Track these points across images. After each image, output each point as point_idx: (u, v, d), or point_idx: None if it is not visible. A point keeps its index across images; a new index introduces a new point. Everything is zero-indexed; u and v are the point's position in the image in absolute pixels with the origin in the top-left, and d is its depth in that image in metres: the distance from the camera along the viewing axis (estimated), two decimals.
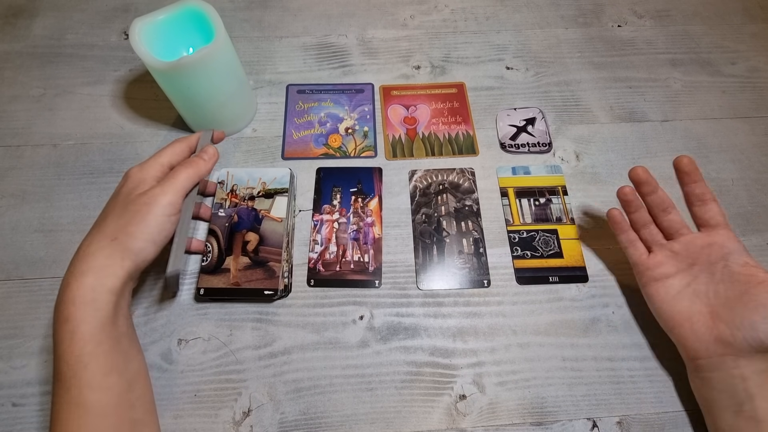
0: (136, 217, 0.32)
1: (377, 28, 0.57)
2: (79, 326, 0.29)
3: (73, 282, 0.30)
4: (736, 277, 0.34)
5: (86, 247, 0.32)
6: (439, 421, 0.37)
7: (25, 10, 0.57)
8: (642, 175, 0.37)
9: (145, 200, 0.33)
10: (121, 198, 0.34)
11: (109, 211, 0.34)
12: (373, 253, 0.43)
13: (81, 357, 0.29)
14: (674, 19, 0.59)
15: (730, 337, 0.32)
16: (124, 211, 0.33)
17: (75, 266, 0.31)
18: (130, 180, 0.35)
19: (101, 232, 0.32)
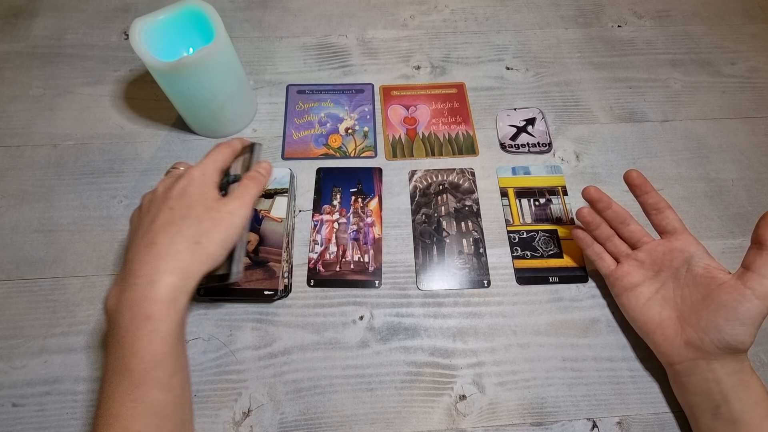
0: (219, 226, 0.33)
1: (377, 29, 0.57)
2: (161, 325, 0.29)
3: (158, 280, 0.29)
4: (699, 280, 0.35)
5: (168, 246, 0.31)
6: (439, 422, 0.37)
7: (25, 11, 0.57)
8: (594, 194, 0.39)
9: (229, 210, 0.33)
10: (194, 200, 0.33)
11: (185, 213, 0.32)
12: (373, 253, 0.43)
13: (156, 356, 0.29)
14: (674, 19, 0.59)
15: (698, 341, 0.34)
16: (205, 217, 0.33)
17: (157, 264, 0.30)
18: (194, 181, 0.34)
19: (182, 234, 0.31)
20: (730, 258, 0.43)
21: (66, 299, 0.40)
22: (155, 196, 0.34)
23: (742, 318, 0.32)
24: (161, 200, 0.33)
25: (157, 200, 0.33)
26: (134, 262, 0.30)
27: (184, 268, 0.31)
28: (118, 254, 0.42)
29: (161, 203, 0.33)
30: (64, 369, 0.38)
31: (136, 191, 0.46)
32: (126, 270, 0.31)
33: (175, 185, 0.33)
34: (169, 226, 0.31)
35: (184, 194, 0.33)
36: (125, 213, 0.44)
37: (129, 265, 0.31)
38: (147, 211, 0.33)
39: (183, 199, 0.33)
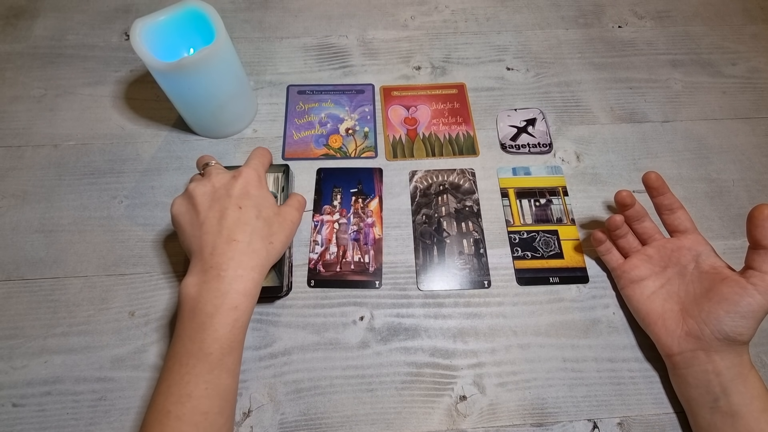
0: (285, 231, 0.36)
1: (378, 29, 0.57)
2: (242, 316, 0.32)
3: (244, 275, 0.32)
4: (704, 276, 0.36)
5: (248, 244, 0.33)
6: (439, 422, 0.36)
7: (26, 11, 0.57)
8: (628, 198, 0.40)
9: (292, 219, 0.37)
10: (261, 202, 0.35)
11: (257, 214, 0.34)
12: (374, 253, 0.43)
13: (233, 344, 0.31)
14: (674, 20, 0.59)
15: (698, 332, 0.34)
16: (275, 221, 0.36)
17: (241, 260, 0.32)
18: (254, 182, 0.36)
19: (258, 233, 0.34)
20: (731, 258, 0.43)
21: (66, 299, 0.40)
22: (215, 191, 0.35)
23: (743, 311, 0.32)
24: (225, 196, 0.34)
25: (219, 196, 0.35)
26: (216, 255, 0.32)
27: (261, 265, 0.33)
28: (118, 254, 0.42)
29: (226, 200, 0.34)
30: (64, 369, 0.38)
31: (137, 191, 0.46)
32: (207, 261, 0.32)
33: (234, 183, 0.35)
34: (245, 224, 0.33)
35: (248, 195, 0.35)
36: (126, 213, 0.44)
37: (209, 258, 0.32)
38: (208, 206, 0.34)
39: (249, 199, 0.35)
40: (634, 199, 0.40)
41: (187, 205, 0.35)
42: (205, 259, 0.32)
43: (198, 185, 0.36)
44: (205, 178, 0.36)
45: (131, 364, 0.38)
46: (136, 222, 0.44)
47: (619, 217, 0.40)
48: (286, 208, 0.38)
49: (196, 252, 0.33)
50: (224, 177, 0.36)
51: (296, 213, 0.38)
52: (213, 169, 0.37)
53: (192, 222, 0.34)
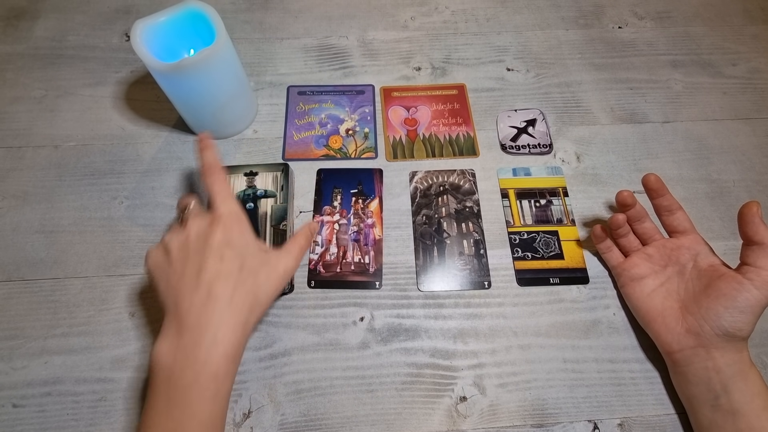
0: (275, 282, 0.33)
1: (378, 30, 0.57)
2: (224, 384, 0.29)
3: (223, 338, 0.29)
4: (702, 274, 0.37)
5: (230, 300, 0.30)
6: (439, 423, 0.36)
7: (26, 12, 0.57)
8: (629, 198, 0.40)
9: (284, 268, 0.34)
10: (244, 250, 0.32)
11: (240, 264, 0.31)
12: (374, 254, 0.43)
13: (215, 417, 0.29)
14: (675, 20, 0.59)
15: (698, 328, 0.34)
16: (261, 271, 0.32)
17: (221, 320, 0.30)
18: (233, 226, 0.32)
19: (241, 287, 0.31)
20: (732, 259, 0.43)
21: (67, 300, 0.40)
22: (189, 242, 0.32)
23: (741, 306, 0.33)
24: (202, 247, 0.31)
25: (195, 247, 0.31)
26: (191, 315, 0.29)
27: (244, 323, 0.30)
28: (118, 255, 0.42)
29: (204, 251, 0.31)
30: (64, 370, 0.38)
31: (137, 192, 0.46)
32: (182, 323, 0.29)
33: (213, 231, 0.32)
34: (227, 278, 0.30)
35: (230, 243, 0.32)
36: (126, 214, 0.44)
37: (185, 317, 0.29)
38: (185, 258, 0.31)
39: (231, 248, 0.31)
40: (635, 199, 0.40)
41: (162, 258, 0.33)
42: (181, 319, 0.29)
43: (174, 236, 0.33)
44: (182, 227, 0.33)
45: (131, 365, 0.38)
46: (137, 223, 0.44)
47: (622, 216, 0.40)
48: (280, 255, 0.34)
49: (171, 310, 0.30)
50: (202, 224, 0.33)
51: (290, 259, 0.34)
52: (191, 214, 0.34)
53: (168, 277, 0.31)
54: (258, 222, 0.41)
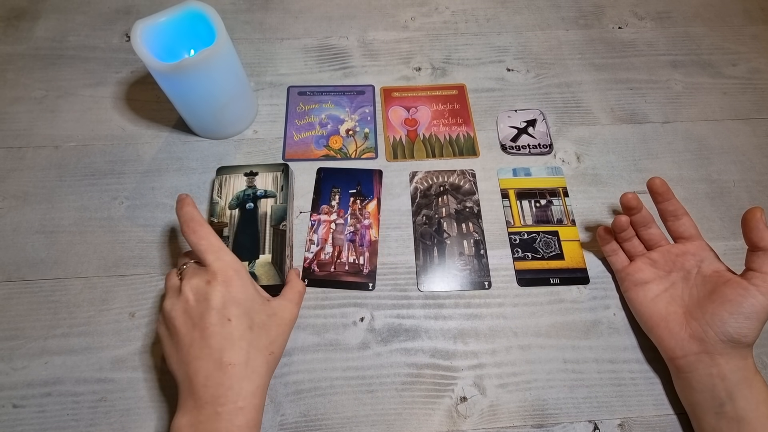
0: (283, 333, 0.33)
1: (378, 30, 0.57)
2: (261, 419, 0.30)
3: (246, 406, 0.29)
4: (707, 279, 0.36)
5: (246, 364, 0.30)
6: (440, 423, 0.36)
7: (27, 13, 0.57)
8: (633, 201, 0.39)
9: (289, 317, 0.34)
10: (250, 306, 0.31)
11: (250, 323, 0.31)
12: (369, 255, 0.43)
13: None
14: (675, 20, 0.59)
15: (702, 334, 0.34)
16: (271, 324, 0.32)
17: (240, 387, 0.29)
18: (231, 281, 0.31)
19: (256, 346, 0.31)
20: (732, 259, 0.43)
21: (67, 300, 0.40)
22: (189, 307, 0.30)
23: (747, 312, 0.32)
24: (205, 310, 0.30)
25: (197, 311, 0.30)
26: (208, 388, 0.28)
27: (264, 385, 0.30)
28: (118, 255, 0.42)
29: (208, 314, 0.30)
30: (64, 370, 0.38)
31: (137, 192, 0.46)
32: (200, 396, 0.28)
33: (212, 291, 0.30)
34: (239, 340, 0.30)
35: (234, 300, 0.30)
36: (126, 214, 0.44)
37: (201, 392, 0.28)
38: (189, 326, 0.30)
39: (237, 306, 0.30)
40: (639, 201, 0.39)
41: (165, 330, 0.31)
42: (197, 393, 0.28)
43: (173, 303, 0.31)
44: (180, 292, 0.31)
45: (131, 365, 0.38)
46: (137, 223, 0.44)
47: (625, 218, 0.39)
48: (283, 305, 0.34)
49: (185, 384, 0.29)
50: (199, 284, 0.31)
51: (294, 308, 0.35)
52: (186, 273, 0.32)
53: (175, 349, 0.30)
54: (258, 222, 0.41)
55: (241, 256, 0.39)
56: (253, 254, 0.40)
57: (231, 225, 0.41)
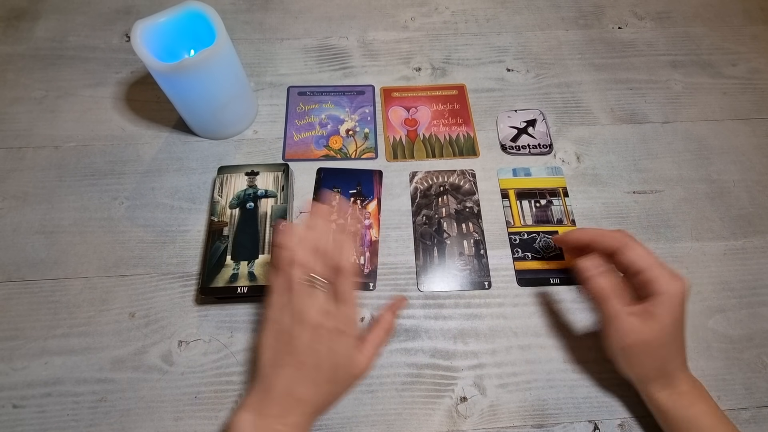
0: (349, 388, 0.34)
1: (378, 30, 0.57)
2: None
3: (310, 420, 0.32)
4: None
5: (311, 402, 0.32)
6: (440, 423, 0.36)
7: (27, 13, 0.57)
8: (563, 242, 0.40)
9: (363, 375, 0.34)
10: (341, 362, 0.33)
11: (329, 377, 0.32)
12: (369, 255, 0.43)
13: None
14: (675, 20, 0.59)
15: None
16: (344, 384, 0.34)
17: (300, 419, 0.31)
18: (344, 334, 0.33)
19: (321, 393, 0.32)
20: (732, 259, 0.43)
21: (67, 300, 0.40)
22: (320, 331, 0.32)
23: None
24: (311, 336, 0.32)
25: (305, 328, 0.32)
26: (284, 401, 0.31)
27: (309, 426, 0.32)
28: (118, 256, 0.42)
29: (313, 340, 0.32)
30: (64, 370, 0.38)
31: (137, 193, 0.46)
32: (272, 398, 0.31)
33: (340, 339, 0.32)
34: (314, 387, 0.32)
35: (332, 351, 0.32)
36: (126, 214, 0.44)
37: (279, 397, 0.31)
38: (289, 334, 0.32)
39: (335, 355, 0.32)
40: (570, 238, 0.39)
41: (287, 317, 0.33)
42: (271, 397, 0.31)
43: (310, 303, 0.33)
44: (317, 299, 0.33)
45: (131, 366, 0.38)
46: (137, 223, 0.44)
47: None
48: (365, 360, 0.34)
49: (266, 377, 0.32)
50: (336, 321, 0.33)
51: (369, 363, 0.34)
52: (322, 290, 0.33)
53: (284, 343, 0.32)
54: (258, 222, 0.41)
55: (240, 256, 0.40)
56: (252, 254, 0.40)
57: (231, 224, 0.41)
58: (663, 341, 0.33)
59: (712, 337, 0.40)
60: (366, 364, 0.34)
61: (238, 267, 0.39)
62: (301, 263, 0.34)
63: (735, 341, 0.40)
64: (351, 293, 0.34)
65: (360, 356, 0.34)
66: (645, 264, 0.34)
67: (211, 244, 0.40)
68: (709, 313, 0.41)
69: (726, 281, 0.42)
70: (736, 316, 0.41)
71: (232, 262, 0.39)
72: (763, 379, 0.38)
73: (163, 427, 0.36)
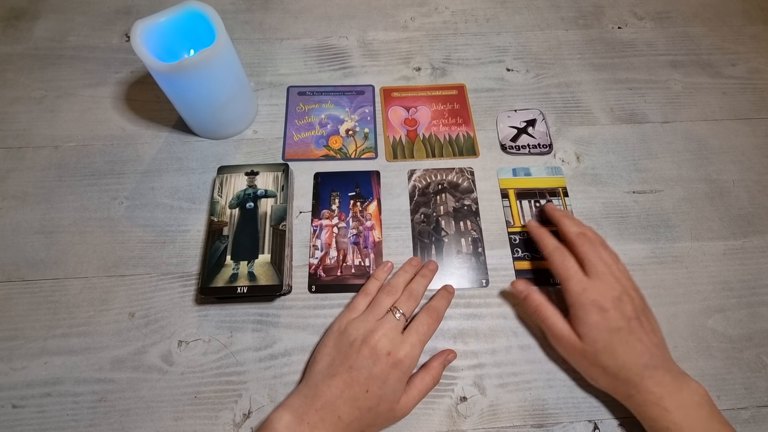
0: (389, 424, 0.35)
1: (378, 30, 0.57)
2: None
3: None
4: None
5: (348, 423, 0.32)
6: (440, 423, 0.36)
7: (26, 13, 0.57)
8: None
9: (405, 414, 0.34)
10: (388, 394, 0.33)
11: (372, 405, 0.32)
12: (374, 256, 0.43)
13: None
14: (674, 20, 0.59)
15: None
16: (385, 417, 0.34)
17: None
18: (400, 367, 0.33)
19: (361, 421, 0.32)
20: (732, 259, 0.43)
21: (67, 300, 0.40)
22: (371, 339, 0.33)
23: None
24: (371, 357, 0.33)
25: (370, 348, 0.33)
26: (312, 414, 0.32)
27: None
28: (118, 255, 0.42)
29: (372, 362, 0.33)
30: (64, 370, 0.38)
31: (137, 192, 0.46)
32: (312, 407, 0.32)
33: (378, 361, 0.33)
34: (356, 410, 0.32)
35: (385, 381, 0.33)
36: (126, 214, 0.44)
37: (320, 409, 0.32)
38: (351, 347, 0.34)
39: (385, 385, 0.33)
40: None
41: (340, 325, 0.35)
42: (313, 407, 0.32)
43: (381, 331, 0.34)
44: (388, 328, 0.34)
45: (131, 366, 0.38)
46: (137, 223, 0.44)
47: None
48: (411, 400, 0.34)
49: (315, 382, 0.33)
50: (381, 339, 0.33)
51: (413, 404, 0.35)
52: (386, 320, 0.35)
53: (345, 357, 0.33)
54: (258, 222, 0.41)
55: (240, 256, 0.39)
56: (252, 254, 0.40)
57: (231, 224, 0.41)
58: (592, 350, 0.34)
59: (712, 336, 0.40)
60: (408, 408, 0.34)
61: (238, 267, 0.39)
62: (391, 292, 0.37)
63: (734, 341, 0.40)
64: (425, 334, 0.35)
65: (405, 397, 0.34)
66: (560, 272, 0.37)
67: (211, 244, 0.40)
68: (708, 312, 0.41)
69: (725, 281, 0.42)
70: (736, 316, 0.41)
71: (231, 262, 0.39)
72: (763, 378, 0.38)
73: (162, 427, 0.36)
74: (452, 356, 0.38)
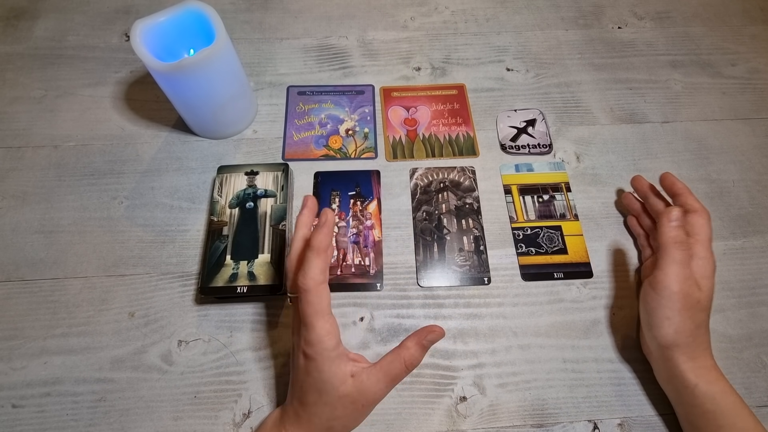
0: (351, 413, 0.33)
1: (378, 30, 0.57)
2: None
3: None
4: None
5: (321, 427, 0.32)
6: (439, 423, 0.36)
7: (26, 12, 0.57)
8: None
9: (367, 399, 0.33)
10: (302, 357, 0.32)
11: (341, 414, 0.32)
12: (374, 256, 0.43)
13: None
14: (674, 20, 0.59)
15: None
16: (358, 416, 0.33)
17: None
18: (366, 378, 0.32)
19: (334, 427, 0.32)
20: (732, 259, 0.43)
21: (66, 300, 0.40)
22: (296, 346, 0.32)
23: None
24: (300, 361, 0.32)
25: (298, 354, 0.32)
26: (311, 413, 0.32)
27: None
28: (118, 255, 0.42)
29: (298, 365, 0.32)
30: (64, 370, 0.38)
31: (137, 192, 0.46)
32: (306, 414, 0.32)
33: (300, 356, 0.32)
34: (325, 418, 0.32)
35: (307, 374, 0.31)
36: (126, 214, 0.44)
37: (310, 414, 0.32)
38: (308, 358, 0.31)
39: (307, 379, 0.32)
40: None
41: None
42: (303, 415, 0.32)
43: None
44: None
45: (131, 365, 0.38)
46: (136, 223, 0.44)
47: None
48: (368, 384, 0.32)
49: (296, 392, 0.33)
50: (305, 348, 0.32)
51: (387, 391, 0.33)
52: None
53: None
54: (257, 221, 0.41)
55: (240, 256, 0.39)
56: (252, 254, 0.40)
57: (231, 224, 0.41)
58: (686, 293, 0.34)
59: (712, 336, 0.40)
60: (370, 391, 0.32)
61: (238, 266, 0.39)
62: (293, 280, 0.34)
63: (734, 341, 0.40)
64: (307, 315, 0.30)
65: (355, 380, 0.32)
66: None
67: (211, 244, 0.40)
68: None
69: (725, 281, 0.42)
70: (736, 316, 0.41)
71: (231, 262, 0.39)
72: (763, 378, 0.38)
73: (162, 426, 0.36)
74: (434, 335, 0.33)
